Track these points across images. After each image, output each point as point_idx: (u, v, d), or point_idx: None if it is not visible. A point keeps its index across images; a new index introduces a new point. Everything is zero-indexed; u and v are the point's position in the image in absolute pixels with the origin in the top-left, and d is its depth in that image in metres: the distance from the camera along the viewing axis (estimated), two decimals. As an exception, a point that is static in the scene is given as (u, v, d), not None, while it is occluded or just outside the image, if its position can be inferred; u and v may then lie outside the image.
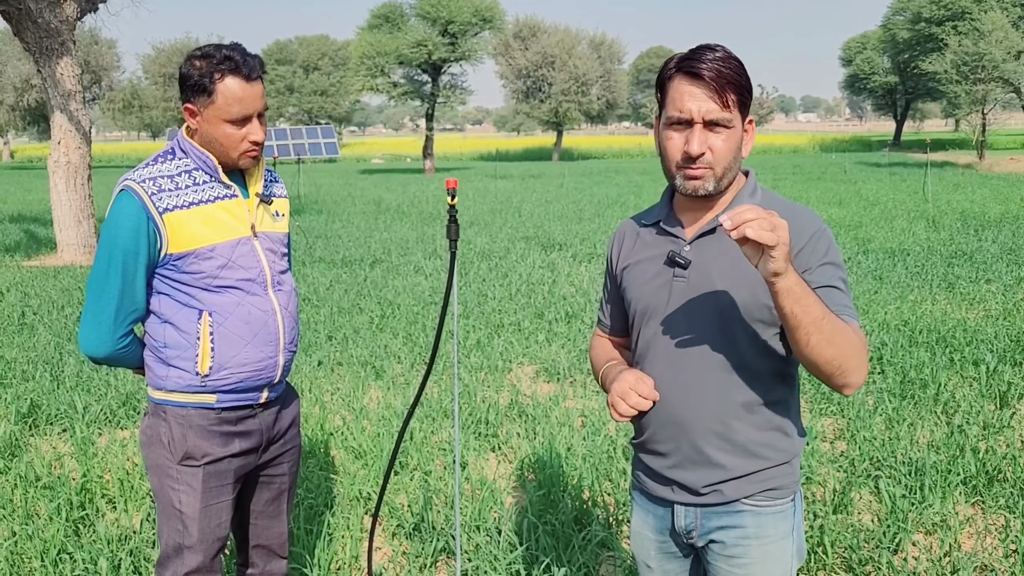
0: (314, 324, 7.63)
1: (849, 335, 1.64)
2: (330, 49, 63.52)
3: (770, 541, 1.85)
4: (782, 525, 1.86)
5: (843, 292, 1.74)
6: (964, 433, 4.72)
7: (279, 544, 2.65)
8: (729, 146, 1.74)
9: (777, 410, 1.83)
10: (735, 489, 1.83)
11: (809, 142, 60.51)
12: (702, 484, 1.84)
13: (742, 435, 1.81)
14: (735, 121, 1.74)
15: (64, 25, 11.57)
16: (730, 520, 1.85)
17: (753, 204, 1.74)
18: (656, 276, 1.87)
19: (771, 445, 1.83)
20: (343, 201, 21.41)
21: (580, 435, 4.81)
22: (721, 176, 1.77)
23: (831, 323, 1.61)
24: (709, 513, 1.87)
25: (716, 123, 1.72)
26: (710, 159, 1.74)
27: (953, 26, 38.79)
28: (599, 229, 14.28)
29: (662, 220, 1.90)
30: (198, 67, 2.23)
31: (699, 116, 1.71)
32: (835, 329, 1.61)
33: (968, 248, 11.19)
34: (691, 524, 1.90)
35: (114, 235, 2.25)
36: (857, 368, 1.66)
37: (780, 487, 1.85)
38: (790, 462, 1.86)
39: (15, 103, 46.62)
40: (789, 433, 1.86)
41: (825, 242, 1.77)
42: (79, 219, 11.89)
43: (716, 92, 1.70)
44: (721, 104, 1.71)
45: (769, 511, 1.84)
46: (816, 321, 1.58)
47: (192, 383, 2.31)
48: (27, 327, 7.67)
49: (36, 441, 4.96)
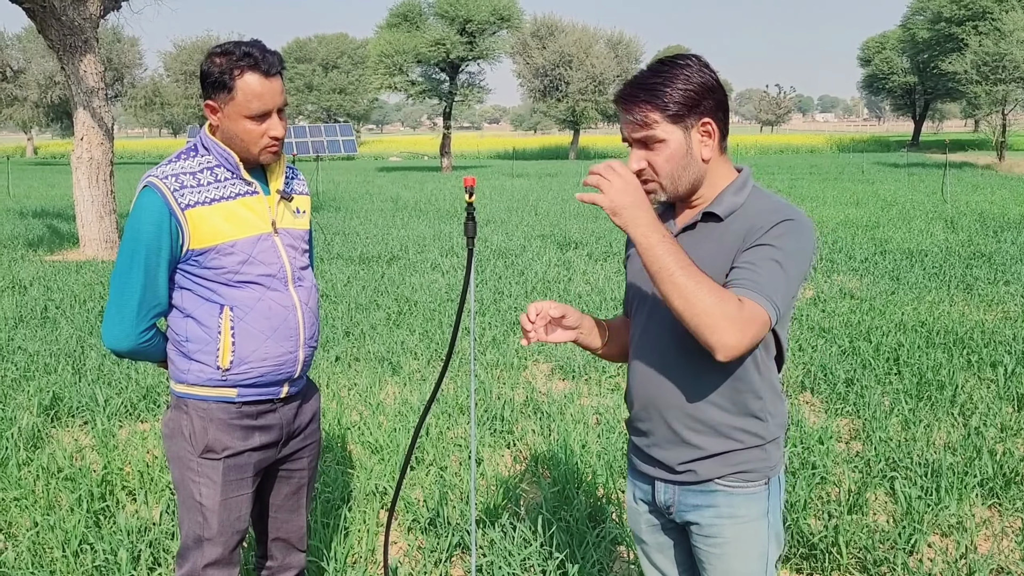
0: (332, 320, 7.68)
1: (707, 295, 1.66)
2: (349, 47, 63.69)
3: (743, 521, 1.93)
4: (755, 507, 1.93)
5: (762, 272, 1.74)
6: (981, 435, 4.70)
7: (298, 538, 2.68)
8: (667, 157, 1.84)
9: (748, 395, 1.90)
10: (708, 469, 1.92)
11: (827, 142, 60.14)
12: (677, 461, 1.95)
13: (713, 417, 1.90)
14: (663, 134, 1.82)
15: (88, 23, 11.68)
16: (705, 499, 1.95)
17: (738, 200, 1.87)
18: None
19: (743, 429, 1.91)
20: (361, 198, 21.49)
21: (595, 432, 4.82)
22: (670, 186, 1.87)
23: (686, 281, 1.67)
24: (686, 491, 1.97)
25: (645, 141, 1.84)
26: (650, 174, 1.86)
27: (974, 26, 38.48)
28: (615, 228, 14.26)
29: (660, 215, 2.01)
30: (218, 64, 2.25)
31: (629, 137, 1.86)
32: (690, 287, 1.66)
33: (987, 249, 11.10)
34: (669, 500, 2.00)
35: (137, 230, 2.28)
36: (714, 330, 1.66)
37: (752, 470, 1.92)
38: (763, 447, 1.93)
39: (39, 100, 47.02)
40: (763, 418, 1.92)
41: (781, 229, 1.78)
42: (101, 214, 12.01)
43: (632, 115, 1.82)
44: (640, 124, 1.82)
45: (741, 492, 1.92)
46: (662, 272, 1.68)
47: (213, 377, 2.34)
48: (50, 321, 7.76)
49: (58, 433, 5.03)
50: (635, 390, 2.01)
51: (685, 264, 1.69)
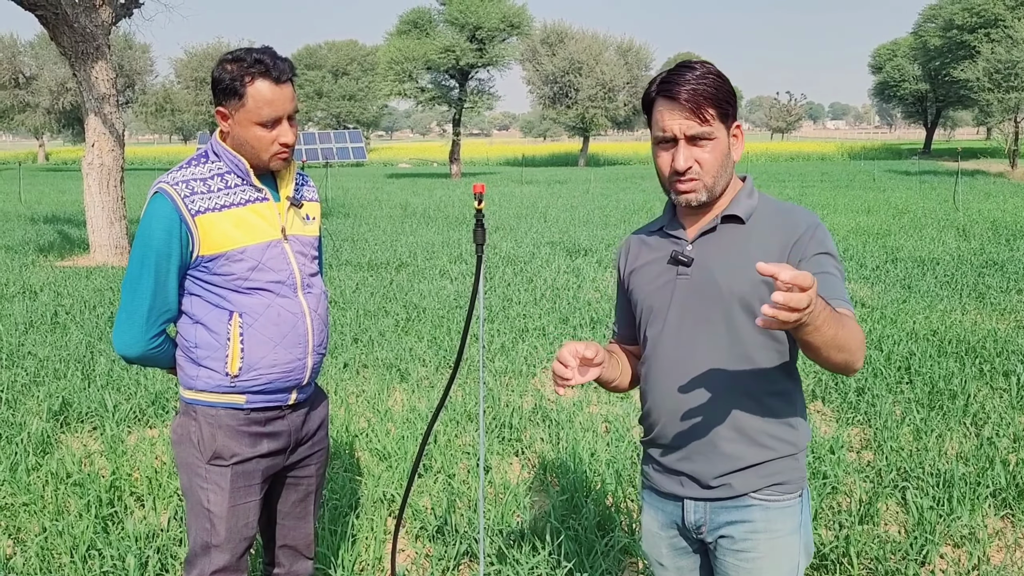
0: (340, 326, 7.69)
1: (854, 338, 1.67)
2: (359, 54, 63.99)
3: (778, 536, 1.89)
4: (790, 520, 1.90)
5: (836, 278, 1.81)
6: (994, 445, 4.66)
7: (305, 545, 2.67)
8: (715, 156, 1.84)
9: (782, 402, 1.89)
10: (743, 482, 1.88)
11: (837, 149, 60.02)
12: (712, 475, 1.89)
13: (749, 424, 1.87)
14: (716, 132, 1.84)
15: (99, 30, 11.76)
16: (739, 515, 1.90)
17: (752, 203, 1.88)
18: (660, 276, 1.96)
19: (778, 436, 1.88)
20: (370, 205, 21.53)
21: (604, 441, 4.80)
22: (711, 185, 1.86)
23: (839, 338, 1.63)
24: (718, 508, 1.91)
25: (698, 137, 1.82)
26: (698, 171, 1.84)
27: (986, 33, 38.37)
28: (624, 235, 14.21)
29: (665, 226, 2.00)
30: (229, 71, 2.26)
31: (681, 133, 1.82)
32: (843, 340, 1.64)
33: (999, 258, 11.04)
34: (700, 519, 1.94)
35: (148, 237, 2.28)
36: (860, 359, 1.71)
37: (787, 481, 1.89)
38: (796, 456, 1.91)
39: (51, 106, 47.41)
40: (795, 426, 1.91)
41: (821, 233, 1.85)
42: (111, 220, 12.06)
43: (692, 111, 1.80)
44: (700, 120, 1.81)
45: (777, 506, 1.89)
46: (829, 340, 1.60)
47: (222, 383, 2.34)
48: (59, 326, 7.79)
49: (67, 438, 5.04)
50: (661, 405, 1.94)
51: (840, 321, 1.63)
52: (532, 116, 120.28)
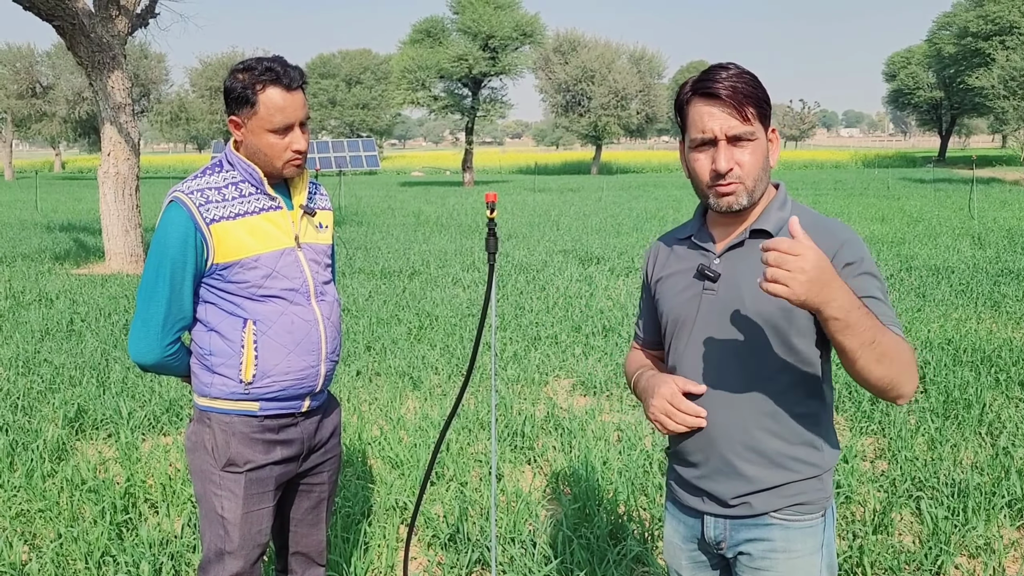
0: (353, 334, 7.71)
1: (899, 353, 1.63)
2: (372, 63, 64.30)
3: (798, 556, 1.84)
4: (811, 540, 1.85)
5: (882, 302, 1.73)
6: (1010, 455, 4.63)
7: (317, 552, 2.68)
8: (756, 158, 1.78)
9: (806, 423, 1.83)
10: (763, 502, 1.84)
11: (852, 157, 59.82)
12: (731, 496, 1.86)
13: (770, 447, 1.82)
14: (758, 133, 1.77)
15: (116, 40, 11.87)
16: (759, 533, 1.86)
17: (784, 215, 1.81)
18: (686, 289, 1.90)
19: (800, 459, 1.83)
20: (383, 213, 21.60)
21: (616, 449, 4.80)
22: (752, 188, 1.79)
23: (881, 345, 1.59)
24: (738, 525, 1.88)
25: (739, 138, 1.75)
26: (739, 173, 1.77)
27: (1001, 41, 38.17)
28: (637, 243, 14.24)
29: (694, 235, 1.94)
30: (241, 79, 2.28)
31: (722, 133, 1.75)
32: (884, 350, 1.60)
33: (1015, 266, 10.96)
34: (720, 535, 1.91)
35: (163, 245, 2.31)
36: (908, 382, 1.66)
37: (809, 502, 1.84)
38: (820, 477, 1.85)
39: (67, 115, 47.84)
40: (819, 447, 1.85)
41: (859, 250, 1.77)
42: (127, 229, 12.15)
43: (734, 108, 1.74)
44: (741, 119, 1.74)
45: (798, 525, 1.84)
46: (866, 344, 1.57)
47: (236, 391, 2.36)
48: (75, 334, 7.85)
49: (82, 445, 5.07)
50: None
51: (881, 327, 1.60)
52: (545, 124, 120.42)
